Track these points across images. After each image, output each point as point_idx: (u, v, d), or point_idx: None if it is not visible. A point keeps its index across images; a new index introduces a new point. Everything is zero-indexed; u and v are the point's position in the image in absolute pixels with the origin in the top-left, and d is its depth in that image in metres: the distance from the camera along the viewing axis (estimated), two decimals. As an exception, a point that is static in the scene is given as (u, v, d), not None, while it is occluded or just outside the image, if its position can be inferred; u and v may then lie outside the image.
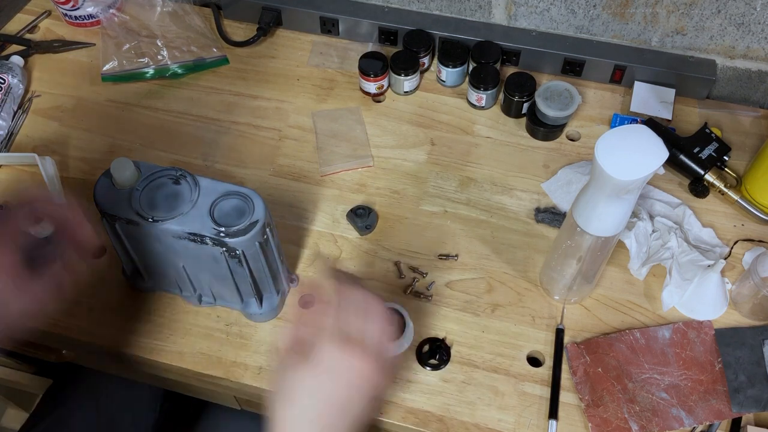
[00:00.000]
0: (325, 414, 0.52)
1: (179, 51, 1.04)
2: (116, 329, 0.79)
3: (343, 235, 0.87)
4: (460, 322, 0.79)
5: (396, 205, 0.89)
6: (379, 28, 1.05)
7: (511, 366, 0.76)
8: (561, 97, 0.93)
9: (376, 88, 0.99)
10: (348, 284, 0.56)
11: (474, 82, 0.96)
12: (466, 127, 0.98)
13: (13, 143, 0.96)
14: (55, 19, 1.11)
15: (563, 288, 0.78)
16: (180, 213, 0.67)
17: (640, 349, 0.76)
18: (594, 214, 0.65)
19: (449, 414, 0.73)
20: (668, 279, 0.80)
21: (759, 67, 0.97)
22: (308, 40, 1.08)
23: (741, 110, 0.99)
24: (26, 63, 1.03)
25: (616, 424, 0.71)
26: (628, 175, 0.59)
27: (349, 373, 0.52)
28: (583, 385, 0.74)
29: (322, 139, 0.96)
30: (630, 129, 0.62)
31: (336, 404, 0.52)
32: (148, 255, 0.73)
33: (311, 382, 0.52)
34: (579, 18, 0.99)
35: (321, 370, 0.52)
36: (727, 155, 0.90)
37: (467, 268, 0.84)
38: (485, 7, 1.02)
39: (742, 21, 0.92)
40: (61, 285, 0.59)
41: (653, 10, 0.94)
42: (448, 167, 0.93)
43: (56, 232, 0.61)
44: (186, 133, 0.97)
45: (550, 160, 0.94)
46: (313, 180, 0.92)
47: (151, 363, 0.78)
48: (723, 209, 0.89)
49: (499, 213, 0.89)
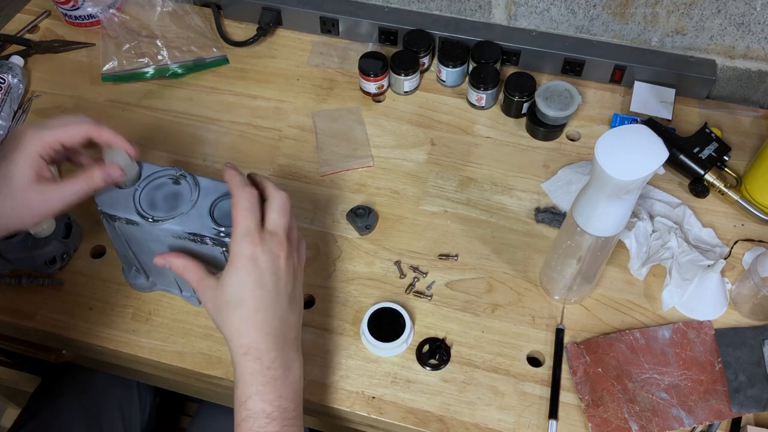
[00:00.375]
0: (262, 301, 0.61)
1: (179, 51, 1.04)
2: (116, 329, 0.79)
3: (343, 235, 0.87)
4: (460, 322, 0.79)
5: (396, 205, 0.90)
6: (379, 28, 1.05)
7: (511, 366, 0.76)
8: (561, 97, 0.93)
9: (376, 88, 0.99)
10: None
11: (474, 82, 0.96)
12: (466, 127, 0.98)
13: (13, 143, 0.96)
14: (55, 19, 1.11)
15: (563, 288, 0.78)
16: (180, 213, 0.67)
17: (640, 349, 0.76)
18: (594, 214, 0.65)
19: (449, 414, 0.73)
20: (668, 279, 0.80)
21: (759, 67, 0.97)
22: (308, 40, 1.08)
23: (741, 110, 0.99)
24: (26, 63, 1.03)
25: (616, 424, 0.71)
26: (628, 175, 0.59)
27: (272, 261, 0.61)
28: (583, 385, 0.74)
29: (322, 139, 0.96)
30: (630, 129, 0.62)
31: (268, 289, 0.61)
32: (148, 255, 0.73)
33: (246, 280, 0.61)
34: (579, 18, 0.99)
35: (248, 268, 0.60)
36: (727, 155, 0.90)
37: (467, 268, 0.84)
38: (485, 7, 1.02)
39: (742, 21, 0.92)
40: (78, 194, 0.65)
41: (653, 10, 0.94)
42: (448, 167, 0.93)
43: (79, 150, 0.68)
44: (186, 133, 0.97)
45: (550, 160, 0.94)
46: (313, 180, 0.92)
47: (151, 363, 0.78)
48: (723, 209, 0.89)
49: (499, 213, 0.89)
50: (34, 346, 0.91)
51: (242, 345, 0.60)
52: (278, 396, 0.60)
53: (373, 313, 0.77)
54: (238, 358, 0.60)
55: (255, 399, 0.59)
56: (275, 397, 0.60)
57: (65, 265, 0.83)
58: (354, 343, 0.78)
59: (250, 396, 0.59)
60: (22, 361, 1.17)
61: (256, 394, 0.59)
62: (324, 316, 0.80)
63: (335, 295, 0.81)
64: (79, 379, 0.96)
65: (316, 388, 0.74)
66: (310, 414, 0.77)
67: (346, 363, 0.76)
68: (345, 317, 0.80)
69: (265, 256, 0.61)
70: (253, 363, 0.60)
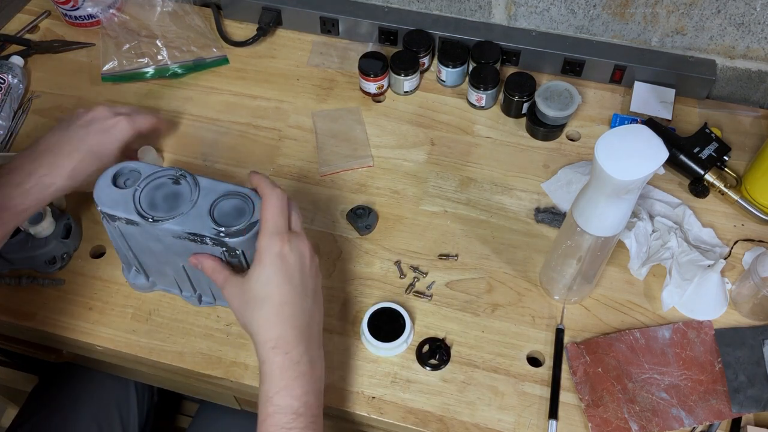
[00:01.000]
0: (290, 296, 0.62)
1: (179, 51, 1.04)
2: (116, 329, 0.79)
3: (343, 235, 0.87)
4: (460, 322, 0.79)
5: (396, 205, 0.90)
6: (379, 28, 1.05)
7: (511, 366, 0.76)
8: (561, 97, 0.93)
9: (376, 88, 0.99)
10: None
11: (474, 82, 0.96)
12: (466, 127, 0.98)
13: (13, 143, 0.96)
14: (55, 19, 1.11)
15: (563, 288, 0.78)
16: (180, 213, 0.67)
17: (640, 349, 0.76)
18: (594, 214, 0.65)
19: (449, 414, 0.73)
20: (668, 279, 0.80)
21: (759, 67, 0.97)
22: (308, 40, 1.08)
23: (741, 110, 0.99)
24: (26, 63, 1.03)
25: (616, 424, 0.71)
26: (628, 175, 0.59)
27: (301, 257, 0.64)
28: (583, 385, 0.74)
29: (322, 139, 0.96)
30: (630, 129, 0.62)
31: (295, 285, 0.63)
32: (148, 255, 0.73)
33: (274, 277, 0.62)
34: (579, 18, 0.99)
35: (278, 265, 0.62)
36: (727, 155, 0.90)
37: (467, 268, 0.84)
38: (485, 7, 1.02)
39: (742, 21, 0.92)
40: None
41: (653, 10, 0.94)
42: (448, 167, 0.93)
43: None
44: (186, 133, 0.97)
45: (550, 160, 0.94)
46: (313, 180, 0.92)
47: (151, 363, 0.78)
48: (723, 209, 0.89)
49: (499, 213, 0.89)
50: (33, 345, 0.91)
51: (270, 339, 0.61)
52: (305, 392, 0.60)
53: (373, 313, 0.77)
54: (266, 353, 0.61)
55: (283, 394, 0.59)
56: (302, 393, 0.60)
57: (65, 265, 0.83)
58: (354, 343, 0.78)
59: (278, 391, 0.59)
60: (21, 360, 1.17)
61: (285, 389, 0.60)
62: (324, 316, 0.79)
63: (335, 295, 0.81)
64: (77, 379, 0.96)
65: (316, 388, 0.74)
66: (310, 414, 0.77)
67: (346, 363, 0.76)
68: (345, 317, 0.80)
69: (293, 253, 0.63)
70: (282, 358, 0.60)
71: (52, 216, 0.81)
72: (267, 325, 0.61)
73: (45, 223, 0.80)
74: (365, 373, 0.76)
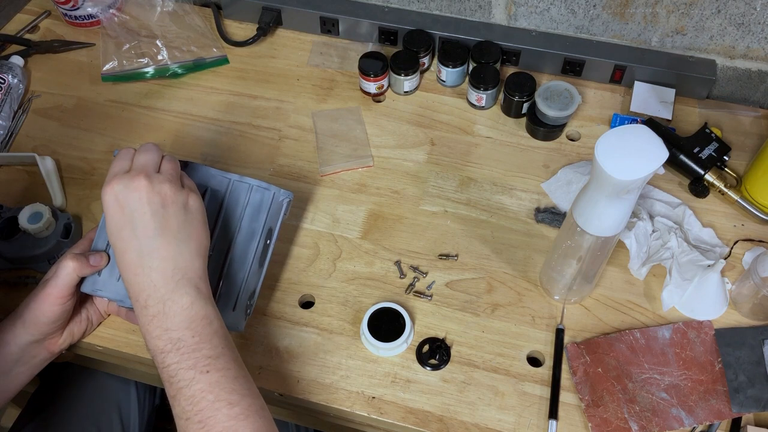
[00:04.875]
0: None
1: (179, 51, 1.04)
2: (116, 329, 0.79)
3: (343, 235, 0.87)
4: (460, 322, 0.79)
5: (396, 205, 0.90)
6: (379, 28, 1.05)
7: (511, 366, 0.76)
8: (561, 97, 0.93)
9: (376, 88, 0.99)
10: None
11: (474, 82, 0.96)
12: (466, 127, 0.98)
13: (13, 143, 0.96)
14: (55, 19, 1.11)
15: (563, 288, 0.78)
16: None
17: (640, 349, 0.76)
18: (594, 214, 0.65)
19: (449, 414, 0.73)
20: (668, 279, 0.80)
21: (759, 67, 0.97)
22: (308, 40, 1.08)
23: (741, 110, 0.99)
24: (26, 63, 1.03)
25: (616, 424, 0.71)
26: (628, 175, 0.59)
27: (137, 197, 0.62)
28: (583, 385, 0.74)
29: (322, 139, 0.96)
30: (630, 129, 0.62)
31: (138, 226, 0.62)
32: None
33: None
34: (579, 18, 0.99)
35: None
36: (727, 155, 0.90)
37: (467, 268, 0.84)
38: (485, 7, 1.02)
39: (742, 21, 0.92)
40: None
41: (653, 10, 0.94)
42: (448, 167, 0.93)
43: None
44: (186, 133, 0.97)
45: (550, 160, 0.94)
46: (313, 180, 0.92)
47: (151, 363, 0.77)
48: (723, 209, 0.89)
49: (499, 213, 0.89)
50: (34, 346, 0.91)
51: (131, 295, 0.62)
52: (165, 330, 0.61)
53: (373, 313, 0.77)
54: (137, 312, 0.62)
55: (147, 340, 0.62)
56: (162, 332, 0.61)
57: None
58: (354, 343, 0.78)
59: (147, 341, 0.62)
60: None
61: (146, 335, 0.62)
62: (324, 316, 0.80)
63: (335, 295, 0.81)
64: (78, 379, 0.96)
65: (316, 388, 0.74)
66: (310, 414, 0.77)
67: (346, 363, 0.76)
68: (345, 317, 0.80)
69: (133, 193, 0.62)
70: (137, 308, 0.62)
71: (52, 216, 0.81)
72: (126, 283, 0.63)
73: (45, 223, 0.80)
74: (365, 373, 0.76)
